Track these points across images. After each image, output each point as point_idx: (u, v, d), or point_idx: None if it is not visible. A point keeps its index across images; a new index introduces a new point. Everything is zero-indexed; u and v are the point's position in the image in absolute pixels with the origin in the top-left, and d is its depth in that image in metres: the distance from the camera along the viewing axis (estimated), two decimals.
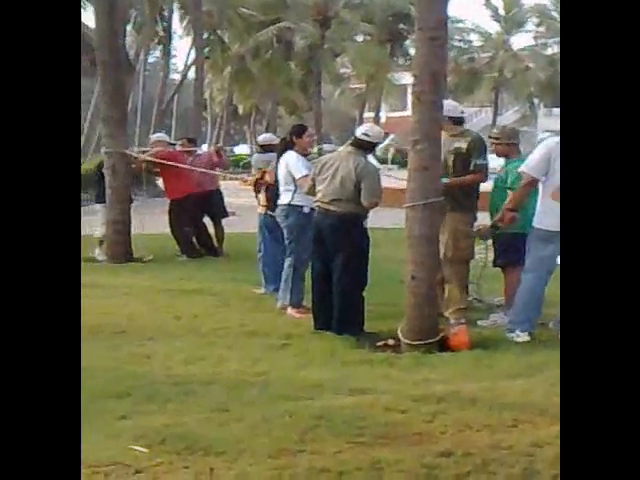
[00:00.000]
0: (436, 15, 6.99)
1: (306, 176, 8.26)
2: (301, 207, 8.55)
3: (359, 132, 7.82)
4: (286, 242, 8.74)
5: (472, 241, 8.17)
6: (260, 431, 4.85)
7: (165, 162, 12.51)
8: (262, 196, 9.44)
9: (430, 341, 6.92)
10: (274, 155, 12.64)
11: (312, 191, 7.94)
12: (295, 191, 8.53)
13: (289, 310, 8.54)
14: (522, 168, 7.43)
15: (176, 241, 12.96)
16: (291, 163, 8.57)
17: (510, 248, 7.89)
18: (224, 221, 13.65)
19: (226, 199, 14.02)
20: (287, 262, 8.68)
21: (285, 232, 8.75)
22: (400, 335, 7.04)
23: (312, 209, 8.48)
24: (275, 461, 4.40)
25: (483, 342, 7.15)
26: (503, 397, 5.57)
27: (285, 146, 8.81)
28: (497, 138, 8.27)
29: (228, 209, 13.88)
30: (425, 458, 4.42)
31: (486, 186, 8.25)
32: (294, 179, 8.51)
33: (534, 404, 5.42)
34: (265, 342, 7.24)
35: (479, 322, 8.05)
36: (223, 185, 14.64)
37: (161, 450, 4.52)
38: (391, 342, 7.12)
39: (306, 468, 4.29)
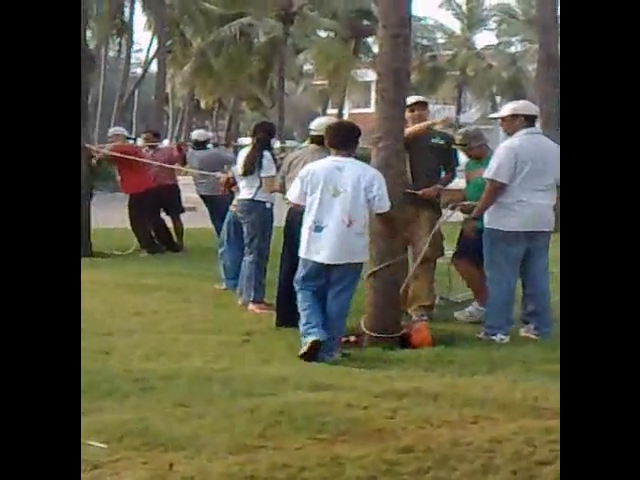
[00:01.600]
0: (399, 13, 7.00)
1: (273, 177, 8.33)
2: (264, 203, 8.60)
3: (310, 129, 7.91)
4: (247, 238, 8.73)
5: (442, 240, 8.23)
6: (221, 427, 4.82)
7: (123, 156, 12.42)
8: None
9: (392, 335, 6.93)
10: (214, 152, 12.76)
11: (281, 190, 7.95)
12: (259, 187, 8.54)
13: (250, 306, 8.53)
14: (489, 175, 7.23)
15: (136, 236, 12.88)
16: (264, 162, 8.56)
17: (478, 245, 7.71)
18: (184, 216, 13.59)
19: (186, 194, 13.95)
20: (249, 258, 8.67)
21: (247, 228, 8.74)
22: (363, 327, 7.04)
23: (272, 204, 8.54)
24: (236, 457, 4.37)
25: (444, 339, 7.18)
26: (464, 393, 5.59)
27: (262, 145, 8.75)
28: (465, 144, 8.11)
29: (188, 204, 13.82)
30: (386, 454, 4.42)
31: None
32: (260, 176, 8.54)
33: (494, 400, 5.45)
34: (226, 338, 7.22)
35: (455, 314, 8.16)
36: (182, 180, 14.58)
37: (120, 446, 4.48)
38: (352, 338, 7.12)
39: (267, 464, 4.27)
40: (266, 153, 8.66)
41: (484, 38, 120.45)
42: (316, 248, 6.62)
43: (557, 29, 17.18)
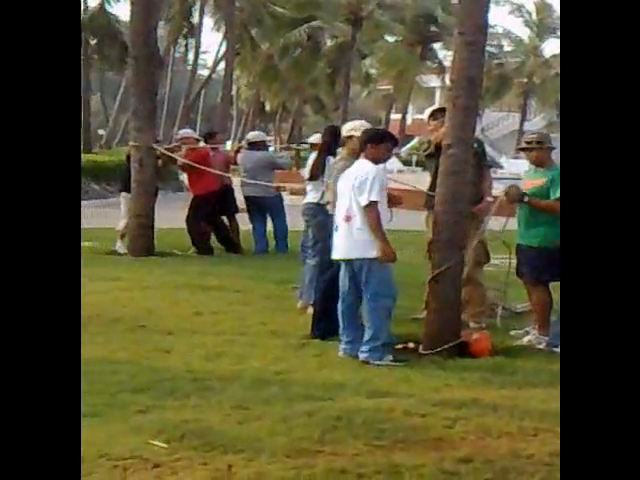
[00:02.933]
0: (476, 20, 6.97)
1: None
2: None
3: None
4: (311, 241, 8.73)
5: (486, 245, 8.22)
6: (279, 430, 4.83)
7: (197, 165, 12.56)
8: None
9: (450, 345, 6.86)
10: (266, 155, 12.85)
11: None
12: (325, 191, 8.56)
13: (310, 309, 8.52)
14: None
15: (190, 236, 12.96)
16: (327, 167, 8.60)
17: (539, 264, 7.41)
18: (239, 218, 13.62)
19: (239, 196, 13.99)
20: (312, 262, 8.64)
21: (311, 231, 8.74)
22: (421, 347, 6.97)
23: None
24: (293, 461, 4.38)
25: (504, 349, 7.10)
26: (524, 405, 5.52)
27: (328, 150, 8.78)
28: (529, 143, 7.67)
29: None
30: (444, 464, 4.39)
31: None
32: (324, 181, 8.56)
33: (555, 413, 5.33)
34: (285, 341, 7.22)
35: (514, 334, 7.76)
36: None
37: (180, 446, 4.52)
38: (411, 345, 7.08)
39: (324, 469, 4.27)
40: (330, 158, 8.65)
41: (552, 46, 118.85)
42: (334, 246, 7.03)
43: None
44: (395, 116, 57.80)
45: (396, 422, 5.06)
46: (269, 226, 13.25)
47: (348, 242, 6.79)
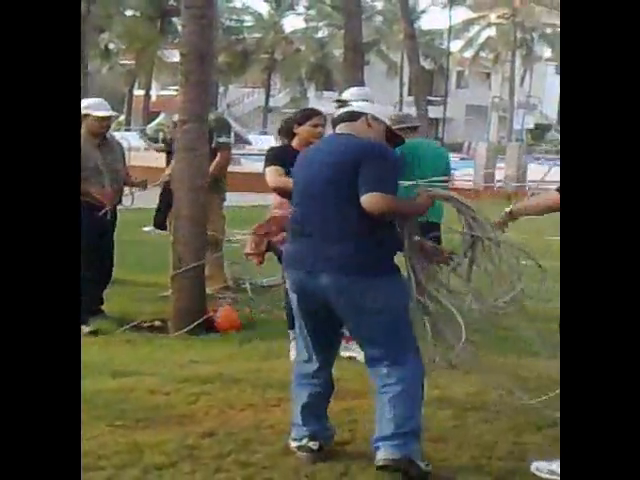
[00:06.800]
0: None
1: None
2: None
3: None
4: None
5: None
6: None
7: None
8: None
9: (196, 323, 6.85)
10: None
11: None
12: None
13: None
14: None
15: None
16: None
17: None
18: None
19: None
20: None
21: None
22: (168, 326, 6.93)
23: None
24: None
25: (251, 323, 7.20)
26: (268, 377, 5.63)
27: None
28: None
29: None
30: (187, 439, 4.40)
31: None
32: None
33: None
34: None
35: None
36: None
37: None
38: (157, 323, 7.04)
39: None
40: None
41: (292, 22, 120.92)
42: None
43: (361, 15, 17.55)
44: (139, 92, 56.85)
45: (139, 401, 5.04)
46: None
47: None
